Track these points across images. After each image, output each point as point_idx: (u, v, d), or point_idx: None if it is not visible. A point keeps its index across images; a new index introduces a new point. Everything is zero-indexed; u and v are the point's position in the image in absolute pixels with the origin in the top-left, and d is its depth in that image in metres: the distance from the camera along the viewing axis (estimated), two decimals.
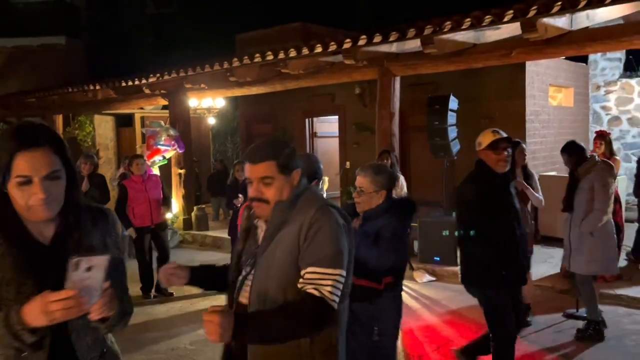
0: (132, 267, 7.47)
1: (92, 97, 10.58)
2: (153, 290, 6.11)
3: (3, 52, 13.59)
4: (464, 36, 5.94)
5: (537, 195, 4.66)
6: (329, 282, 1.69)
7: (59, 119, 12.59)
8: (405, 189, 5.77)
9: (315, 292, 1.67)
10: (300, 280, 1.71)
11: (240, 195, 5.69)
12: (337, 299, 1.70)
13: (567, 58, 8.92)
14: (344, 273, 1.74)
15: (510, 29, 5.53)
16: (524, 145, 4.84)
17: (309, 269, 1.70)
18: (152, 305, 5.74)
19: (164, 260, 6.07)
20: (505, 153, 3.20)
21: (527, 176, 4.73)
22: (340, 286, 1.72)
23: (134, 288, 6.38)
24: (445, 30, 5.62)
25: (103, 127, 13.51)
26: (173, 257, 7.01)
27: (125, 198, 5.88)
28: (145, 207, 5.90)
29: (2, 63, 13.72)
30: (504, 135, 3.26)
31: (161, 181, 6.27)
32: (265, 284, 1.77)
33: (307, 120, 11.03)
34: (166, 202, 6.15)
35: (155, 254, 6.20)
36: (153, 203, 5.95)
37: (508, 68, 7.38)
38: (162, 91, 9.53)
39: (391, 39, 6.10)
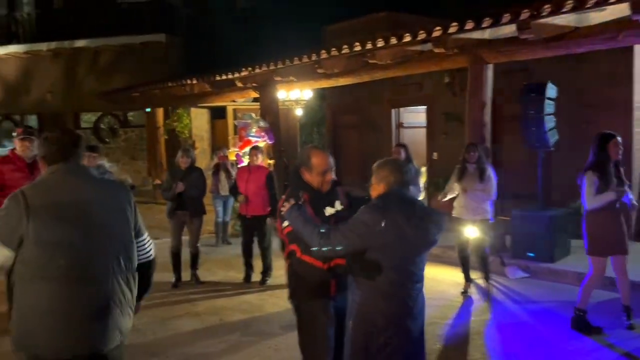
0: (223, 252, 7.90)
1: (190, 90, 11.20)
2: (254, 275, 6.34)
3: (110, 50, 14.73)
4: (564, 19, 5.59)
5: None
6: None
7: (160, 112, 13.46)
8: (492, 182, 5.51)
9: None
10: None
11: None
12: None
13: None
14: None
15: (617, 10, 5.13)
16: (618, 138, 4.48)
17: None
18: (246, 289, 6.00)
19: (260, 246, 6.25)
20: None
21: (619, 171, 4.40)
22: None
23: (228, 272, 6.73)
24: (544, 14, 5.32)
25: (199, 119, 14.29)
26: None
27: (236, 185, 6.32)
28: (247, 197, 6.09)
29: (109, 60, 14.89)
30: None
31: (269, 171, 6.38)
32: None
33: (393, 110, 10.94)
34: (271, 197, 6.12)
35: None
36: (252, 194, 6.08)
37: (613, 52, 6.84)
38: (253, 84, 9.88)
39: (484, 25, 5.88)
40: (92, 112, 15.41)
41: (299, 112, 12.99)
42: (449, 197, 5.74)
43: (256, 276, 6.29)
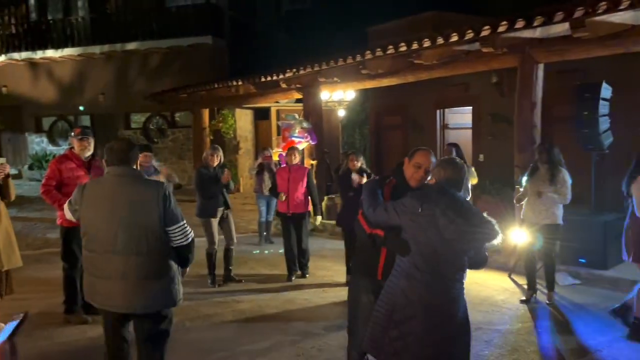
0: (266, 251, 7.98)
1: (235, 92, 11.37)
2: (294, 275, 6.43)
3: (159, 53, 15.15)
4: (620, 17, 5.36)
5: None
6: None
7: (205, 113, 13.72)
8: (566, 185, 5.27)
9: None
10: None
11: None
12: None
13: None
14: None
15: None
16: None
17: None
18: (288, 290, 6.03)
19: (299, 244, 6.35)
20: None
21: None
22: None
23: (272, 271, 6.79)
24: (600, 11, 5.11)
25: (243, 120, 14.50)
26: None
27: (275, 185, 6.44)
28: (288, 195, 6.23)
29: (158, 63, 15.32)
30: None
31: (308, 172, 6.50)
32: None
33: (438, 111, 10.78)
34: (311, 194, 6.37)
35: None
36: (294, 192, 6.23)
37: None
38: (297, 85, 9.94)
39: (536, 24, 5.70)
40: (141, 113, 15.89)
41: (341, 113, 12.99)
42: (523, 200, 5.46)
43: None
